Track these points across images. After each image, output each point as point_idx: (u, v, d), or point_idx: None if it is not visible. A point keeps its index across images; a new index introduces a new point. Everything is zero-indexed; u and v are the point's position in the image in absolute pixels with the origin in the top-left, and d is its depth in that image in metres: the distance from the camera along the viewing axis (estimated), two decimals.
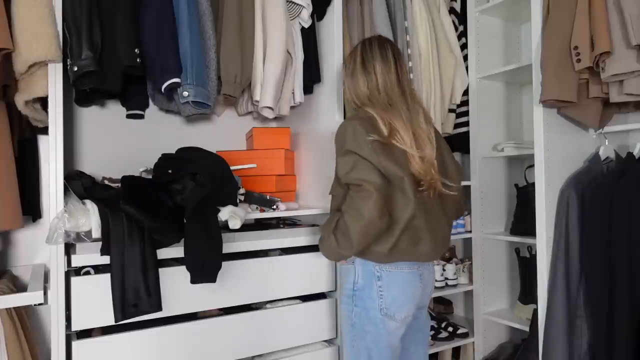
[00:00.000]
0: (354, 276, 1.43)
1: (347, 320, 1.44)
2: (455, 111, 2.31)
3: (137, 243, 1.34)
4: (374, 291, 1.39)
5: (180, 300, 1.50)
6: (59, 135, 1.35)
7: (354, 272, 1.43)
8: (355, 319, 1.41)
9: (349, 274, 1.45)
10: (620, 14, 1.51)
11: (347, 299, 1.44)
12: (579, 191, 1.73)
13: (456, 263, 2.36)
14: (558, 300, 1.72)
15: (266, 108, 1.75)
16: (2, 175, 1.38)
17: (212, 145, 1.76)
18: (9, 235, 1.72)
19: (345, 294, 1.45)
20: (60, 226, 1.28)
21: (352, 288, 1.42)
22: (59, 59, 1.32)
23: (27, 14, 1.28)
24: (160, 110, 1.96)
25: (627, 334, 1.54)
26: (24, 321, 1.43)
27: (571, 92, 1.66)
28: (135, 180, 1.50)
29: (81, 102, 1.79)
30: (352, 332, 1.42)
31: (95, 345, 1.39)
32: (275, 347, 1.68)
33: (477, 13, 2.26)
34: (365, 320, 1.39)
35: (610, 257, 1.61)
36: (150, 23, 1.49)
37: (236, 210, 1.53)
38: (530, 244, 2.04)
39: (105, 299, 1.33)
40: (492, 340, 2.29)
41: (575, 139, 1.87)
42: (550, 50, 1.68)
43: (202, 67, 1.58)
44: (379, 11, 2.02)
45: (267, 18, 1.74)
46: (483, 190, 2.26)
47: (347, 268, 1.46)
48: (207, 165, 1.55)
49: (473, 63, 2.27)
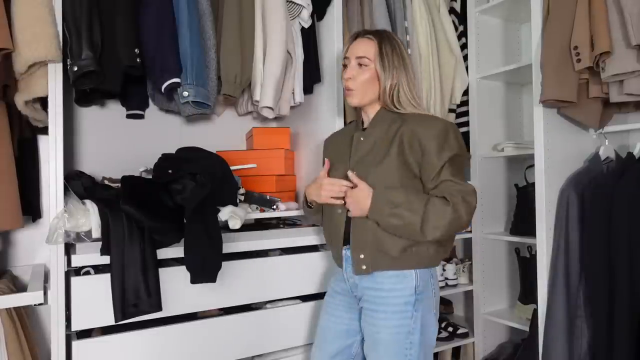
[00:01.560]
0: (414, 280, 1.29)
1: (399, 330, 1.27)
2: (455, 111, 2.31)
3: (137, 243, 1.34)
4: (430, 291, 1.32)
5: (180, 300, 1.50)
6: (59, 135, 1.35)
7: (414, 275, 1.29)
8: (417, 325, 1.28)
9: (406, 278, 1.29)
10: (620, 14, 1.51)
11: (405, 306, 1.28)
12: (579, 191, 1.73)
13: (456, 263, 2.36)
14: (558, 300, 1.72)
15: (266, 108, 1.75)
16: (2, 175, 1.38)
17: (212, 145, 1.76)
18: (9, 235, 1.71)
19: (402, 302, 1.28)
20: (60, 226, 1.28)
21: (414, 293, 1.28)
22: (59, 59, 1.32)
23: (27, 14, 1.28)
24: (160, 110, 1.96)
25: (627, 334, 1.54)
26: (24, 321, 1.43)
27: (571, 92, 1.66)
28: (135, 180, 1.50)
29: (81, 102, 1.79)
30: (410, 339, 1.27)
31: (95, 345, 1.39)
32: (275, 347, 1.67)
33: (477, 13, 2.26)
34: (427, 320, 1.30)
35: (610, 257, 1.61)
36: (150, 23, 1.49)
37: (236, 210, 1.53)
38: (530, 244, 2.04)
39: (105, 299, 1.33)
40: (492, 340, 2.29)
41: (575, 139, 1.87)
42: (550, 50, 1.68)
43: (202, 67, 1.58)
44: (379, 11, 2.02)
45: (267, 18, 1.74)
46: (483, 191, 2.26)
47: (404, 273, 1.29)
48: (207, 165, 1.55)
49: (473, 63, 2.27)
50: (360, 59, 1.34)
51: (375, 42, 1.34)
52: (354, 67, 1.34)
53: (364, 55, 1.33)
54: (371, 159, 1.33)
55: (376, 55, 1.32)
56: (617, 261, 1.59)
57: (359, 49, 1.35)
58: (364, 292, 1.35)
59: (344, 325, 1.42)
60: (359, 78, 1.34)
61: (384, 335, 1.28)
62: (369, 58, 1.33)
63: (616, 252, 1.59)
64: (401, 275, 1.30)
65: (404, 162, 1.28)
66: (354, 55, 1.35)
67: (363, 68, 1.34)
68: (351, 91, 1.34)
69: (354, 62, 1.35)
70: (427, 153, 1.26)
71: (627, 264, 1.56)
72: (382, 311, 1.30)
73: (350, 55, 1.36)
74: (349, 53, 1.37)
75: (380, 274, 1.32)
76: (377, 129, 1.37)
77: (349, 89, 1.35)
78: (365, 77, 1.33)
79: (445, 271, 2.28)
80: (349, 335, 1.43)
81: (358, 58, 1.34)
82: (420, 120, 1.31)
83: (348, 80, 1.34)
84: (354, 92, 1.34)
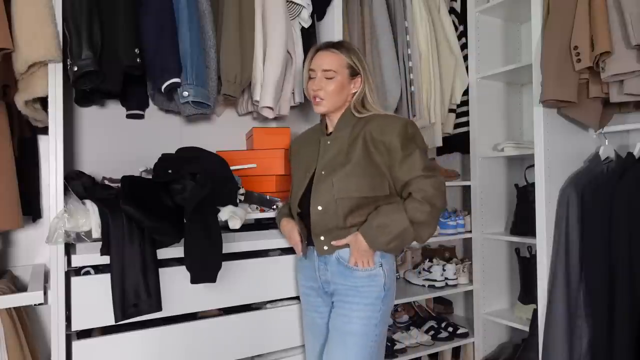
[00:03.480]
0: (383, 279, 1.38)
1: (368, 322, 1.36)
2: (455, 111, 2.31)
3: (137, 243, 1.35)
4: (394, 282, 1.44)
5: (180, 300, 1.50)
6: (59, 135, 1.35)
7: (382, 275, 1.39)
8: (381, 317, 1.39)
9: (375, 278, 1.38)
10: (620, 14, 1.51)
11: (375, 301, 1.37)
12: (579, 191, 1.73)
13: (456, 263, 2.36)
14: (558, 300, 1.72)
15: (266, 108, 1.75)
16: (2, 175, 1.38)
17: (212, 145, 1.76)
18: (9, 235, 1.72)
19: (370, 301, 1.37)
20: (60, 226, 1.28)
21: (383, 290, 1.38)
22: (59, 58, 1.32)
23: (27, 14, 1.28)
24: (160, 110, 1.96)
25: (627, 334, 1.54)
26: (24, 321, 1.43)
27: (571, 92, 1.66)
28: (135, 180, 1.50)
29: (81, 102, 1.79)
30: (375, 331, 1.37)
31: (95, 345, 1.39)
32: (275, 347, 1.67)
33: (477, 13, 2.26)
34: (387, 313, 1.42)
35: (610, 257, 1.61)
36: (151, 23, 1.49)
37: (236, 210, 1.53)
38: (530, 244, 2.04)
39: (105, 299, 1.33)
40: (492, 340, 2.29)
41: (575, 139, 1.87)
42: (550, 50, 1.68)
43: (202, 67, 1.58)
44: (379, 11, 2.02)
45: (267, 18, 1.74)
46: (483, 190, 2.26)
47: (371, 274, 1.38)
48: (207, 165, 1.55)
49: (473, 63, 2.27)
50: (326, 72, 1.42)
51: (341, 55, 1.43)
52: (321, 79, 1.43)
53: (330, 69, 1.42)
54: (338, 161, 1.40)
55: (341, 67, 1.43)
56: (617, 261, 1.59)
57: (324, 63, 1.43)
58: (337, 287, 1.42)
59: (323, 319, 1.50)
60: (327, 89, 1.43)
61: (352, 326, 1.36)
62: (335, 70, 1.42)
63: (616, 252, 1.59)
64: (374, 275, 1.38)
65: (371, 162, 1.37)
66: (320, 68, 1.43)
67: (329, 80, 1.43)
68: (321, 100, 1.44)
69: (320, 74, 1.43)
70: (392, 151, 1.36)
71: (627, 264, 1.56)
72: (356, 302, 1.38)
73: (315, 68, 1.44)
74: (314, 65, 1.45)
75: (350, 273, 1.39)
76: (342, 132, 1.45)
77: (320, 98, 1.44)
78: (332, 87, 1.42)
79: (445, 271, 2.28)
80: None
81: (324, 71, 1.43)
82: (380, 120, 1.42)
83: (317, 91, 1.44)
84: (323, 101, 1.44)
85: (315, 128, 1.61)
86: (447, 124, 2.28)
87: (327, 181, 1.38)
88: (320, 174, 1.42)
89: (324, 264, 1.44)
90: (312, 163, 1.47)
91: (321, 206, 1.38)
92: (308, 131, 1.65)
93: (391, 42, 2.01)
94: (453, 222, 2.27)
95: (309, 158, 1.50)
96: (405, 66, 2.06)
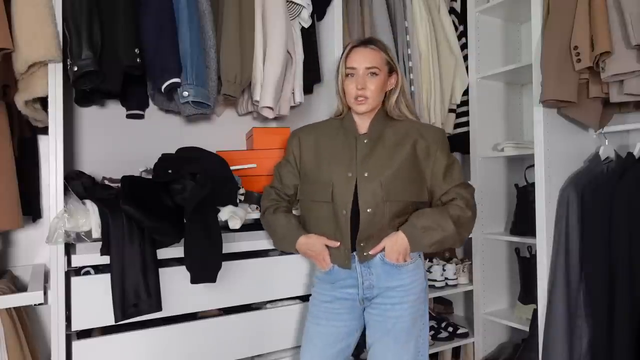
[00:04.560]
0: (422, 271, 1.44)
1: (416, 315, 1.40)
2: (455, 111, 2.31)
3: (137, 243, 1.35)
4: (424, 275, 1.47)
5: (180, 300, 1.50)
6: (59, 135, 1.35)
7: (422, 266, 1.45)
8: (425, 308, 1.44)
9: (418, 271, 1.42)
10: (620, 14, 1.51)
11: (420, 294, 1.42)
12: (579, 191, 1.73)
13: (456, 263, 2.36)
14: (558, 300, 1.72)
15: (266, 108, 1.75)
16: (2, 175, 1.38)
17: (212, 145, 1.76)
18: (9, 235, 1.72)
19: (415, 297, 1.40)
20: (60, 226, 1.28)
21: (424, 280, 1.45)
22: (59, 59, 1.32)
23: (27, 14, 1.28)
24: (160, 110, 1.96)
25: (628, 334, 1.54)
26: (24, 321, 1.43)
27: (571, 92, 1.66)
28: (135, 180, 1.50)
29: (81, 102, 1.79)
30: (423, 320, 1.42)
31: (95, 345, 1.39)
32: (275, 347, 1.67)
33: (477, 13, 2.26)
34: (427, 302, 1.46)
35: (610, 257, 1.61)
36: (151, 22, 1.49)
37: (236, 210, 1.53)
38: (530, 244, 2.04)
39: (105, 299, 1.33)
40: (492, 340, 2.29)
41: (576, 139, 1.87)
42: (550, 50, 1.67)
43: (202, 67, 1.58)
44: (379, 11, 2.02)
45: (267, 18, 1.74)
46: (483, 190, 2.26)
47: (416, 265, 1.42)
48: (207, 165, 1.55)
49: (473, 63, 2.27)
50: (371, 69, 1.39)
51: (380, 51, 1.41)
52: (364, 77, 1.39)
53: (374, 65, 1.39)
54: (384, 164, 1.38)
55: (382, 64, 1.41)
56: (617, 261, 1.59)
57: (367, 60, 1.39)
58: (382, 290, 1.40)
59: (345, 327, 1.44)
60: (371, 87, 1.39)
61: (404, 324, 1.37)
62: (378, 67, 1.39)
63: (616, 251, 1.59)
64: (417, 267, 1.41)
65: (415, 167, 1.39)
66: (362, 66, 1.39)
67: (374, 77, 1.39)
68: (366, 99, 1.39)
69: (362, 71, 1.39)
70: (438, 160, 1.40)
71: (627, 264, 1.56)
72: (406, 302, 1.38)
73: (357, 66, 1.39)
74: (354, 63, 1.40)
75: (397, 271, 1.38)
76: (381, 134, 1.43)
77: (364, 97, 1.39)
78: (376, 85, 1.39)
79: (445, 271, 2.28)
80: (349, 335, 1.46)
81: (368, 69, 1.39)
82: (420, 127, 1.45)
83: (362, 90, 1.38)
84: (368, 100, 1.39)
85: (330, 123, 1.53)
86: (447, 124, 2.28)
87: (374, 182, 1.35)
88: (363, 175, 1.37)
89: (367, 268, 1.39)
90: (345, 161, 1.41)
91: (371, 208, 1.35)
92: (322, 125, 1.56)
93: (391, 42, 2.02)
94: None
95: (343, 157, 1.42)
96: (405, 66, 2.06)
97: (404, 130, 1.43)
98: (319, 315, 1.46)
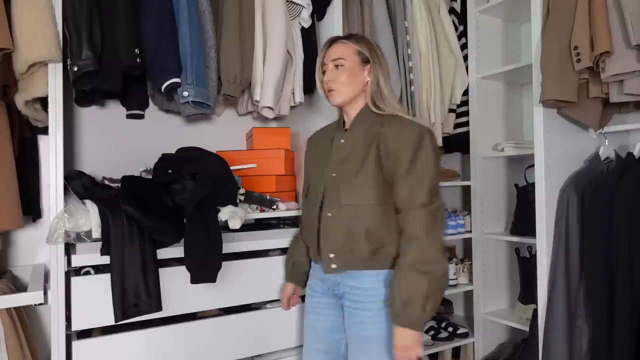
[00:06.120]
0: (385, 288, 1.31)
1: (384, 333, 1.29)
2: (455, 111, 2.31)
3: (137, 243, 1.35)
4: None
5: (180, 300, 1.50)
6: (59, 135, 1.35)
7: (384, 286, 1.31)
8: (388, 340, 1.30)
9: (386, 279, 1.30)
10: (620, 14, 1.51)
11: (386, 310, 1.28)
12: (579, 191, 1.73)
13: (456, 263, 2.36)
14: (558, 300, 1.72)
15: (266, 108, 1.75)
16: (2, 175, 1.38)
17: (212, 145, 1.76)
18: (9, 235, 1.72)
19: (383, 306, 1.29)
20: (60, 226, 1.28)
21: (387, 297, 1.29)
22: (59, 59, 1.32)
23: (27, 14, 1.28)
24: (160, 110, 1.96)
25: (628, 334, 1.54)
26: (24, 321, 1.43)
27: (571, 92, 1.66)
28: (135, 180, 1.50)
29: (81, 102, 1.79)
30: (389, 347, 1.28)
31: (95, 345, 1.39)
32: (275, 347, 1.67)
33: (477, 13, 2.26)
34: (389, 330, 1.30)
35: (610, 257, 1.61)
36: (151, 23, 1.49)
37: (236, 210, 1.53)
38: (530, 244, 2.04)
39: (105, 299, 1.33)
40: (492, 340, 2.29)
41: (575, 139, 1.87)
42: (550, 50, 1.67)
43: (202, 67, 1.58)
44: (379, 11, 2.02)
45: (267, 18, 1.74)
46: (483, 190, 2.26)
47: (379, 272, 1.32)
48: (207, 165, 1.55)
49: (473, 63, 2.27)
50: (335, 61, 1.38)
51: (350, 43, 1.39)
52: (332, 70, 1.39)
53: (339, 57, 1.38)
54: (351, 166, 1.34)
55: (352, 54, 1.38)
56: (617, 261, 1.58)
57: (334, 53, 1.39)
58: (345, 291, 1.36)
59: (329, 322, 1.44)
60: (338, 78, 1.38)
61: (372, 332, 1.30)
62: (344, 58, 1.38)
63: (616, 251, 1.59)
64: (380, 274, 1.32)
65: (380, 169, 1.31)
66: (329, 59, 1.40)
67: (340, 69, 1.38)
68: (332, 91, 1.39)
69: (331, 65, 1.39)
70: (399, 164, 1.28)
71: (627, 264, 1.56)
72: (369, 309, 1.31)
73: (326, 61, 1.41)
74: (325, 59, 1.41)
75: (358, 272, 1.33)
76: (359, 130, 1.39)
77: (330, 89, 1.39)
78: (343, 76, 1.37)
79: None
80: (335, 330, 1.44)
81: (334, 60, 1.38)
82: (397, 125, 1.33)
83: (328, 82, 1.39)
84: (334, 92, 1.39)
85: (334, 124, 1.54)
86: (447, 124, 2.28)
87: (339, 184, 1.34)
88: (331, 176, 1.36)
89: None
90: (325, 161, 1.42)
91: (331, 213, 1.34)
92: (326, 127, 1.57)
93: (391, 42, 2.02)
94: (453, 222, 2.27)
95: (321, 156, 1.45)
96: (405, 66, 2.06)
97: (379, 127, 1.35)
98: (307, 309, 1.50)
